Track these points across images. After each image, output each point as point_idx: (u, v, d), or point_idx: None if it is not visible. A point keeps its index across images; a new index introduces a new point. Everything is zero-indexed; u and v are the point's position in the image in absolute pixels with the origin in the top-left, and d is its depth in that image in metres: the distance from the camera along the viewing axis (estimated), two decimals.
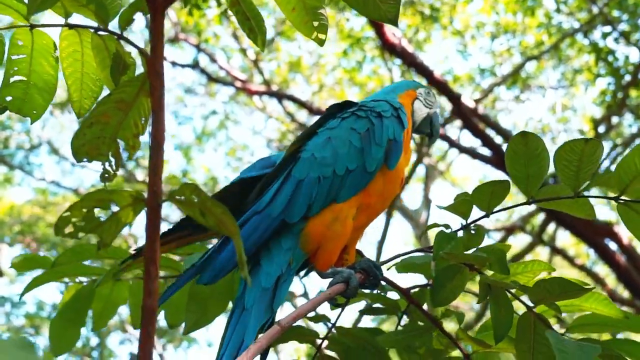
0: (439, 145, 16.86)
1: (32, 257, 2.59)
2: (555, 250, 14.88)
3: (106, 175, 1.81)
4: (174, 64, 15.75)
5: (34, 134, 17.02)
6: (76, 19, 1.97)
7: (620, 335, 2.51)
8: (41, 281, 2.54)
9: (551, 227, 14.24)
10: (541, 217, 13.93)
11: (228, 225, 1.47)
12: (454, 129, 15.80)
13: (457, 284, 2.25)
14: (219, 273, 2.20)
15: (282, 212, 2.27)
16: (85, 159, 1.77)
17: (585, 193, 2.22)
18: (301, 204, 2.28)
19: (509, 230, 15.43)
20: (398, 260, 2.43)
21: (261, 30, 1.99)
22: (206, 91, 17.61)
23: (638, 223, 2.18)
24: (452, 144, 13.78)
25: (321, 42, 2.02)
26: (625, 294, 14.61)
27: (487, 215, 2.30)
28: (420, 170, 17.19)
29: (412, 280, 2.43)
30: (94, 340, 18.60)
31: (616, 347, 2.21)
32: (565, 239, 17.59)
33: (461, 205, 2.28)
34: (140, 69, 1.93)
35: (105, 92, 1.99)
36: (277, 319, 2.20)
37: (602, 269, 16.38)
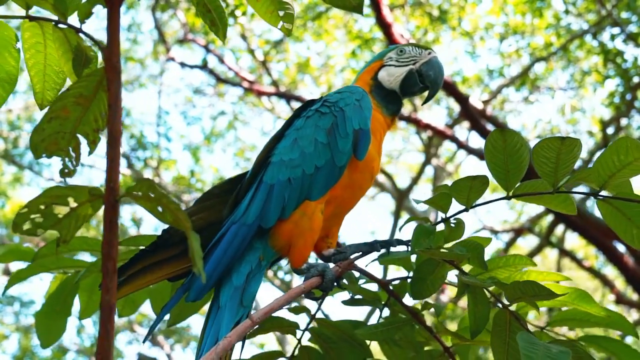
0: (448, 147, 16.86)
1: (15, 248, 2.60)
2: (564, 252, 14.81)
3: (66, 170, 1.80)
4: (182, 64, 15.78)
5: None
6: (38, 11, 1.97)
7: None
8: (24, 275, 2.56)
9: (560, 228, 14.17)
10: (550, 218, 13.88)
11: (182, 221, 1.48)
12: (462, 130, 15.78)
13: (436, 277, 2.27)
14: (202, 290, 2.26)
15: (257, 219, 2.31)
16: (44, 155, 1.76)
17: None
18: (275, 208, 2.31)
19: (518, 232, 15.38)
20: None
21: (222, 23, 1.98)
22: (215, 92, 17.61)
23: (617, 218, 2.19)
24: (461, 145, 13.75)
25: (288, 32, 2.01)
26: (634, 296, 14.54)
27: (466, 209, 2.30)
28: (429, 171, 17.17)
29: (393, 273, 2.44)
30: None
31: (595, 343, 2.27)
32: (573, 240, 17.50)
33: (440, 199, 2.28)
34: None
35: (69, 84, 1.98)
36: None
37: (611, 271, 16.29)
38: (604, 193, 2.17)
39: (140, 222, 16.54)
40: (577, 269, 15.35)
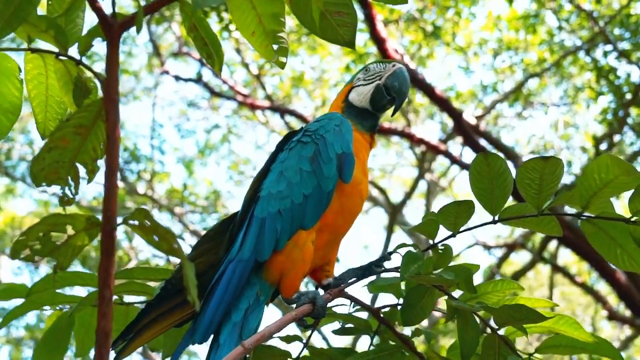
0: (441, 161, 16.90)
1: (10, 286, 2.60)
2: (557, 268, 14.83)
3: (65, 199, 1.82)
4: (177, 77, 15.79)
5: (37, 145, 17.05)
6: (40, 43, 1.99)
7: None
8: (19, 313, 2.57)
9: (553, 244, 14.20)
10: (542, 234, 13.86)
11: (177, 250, 1.49)
12: (456, 145, 15.82)
13: (426, 303, 2.28)
14: (207, 331, 2.28)
15: (253, 253, 2.33)
16: (44, 184, 1.78)
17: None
18: (269, 241, 2.33)
19: (510, 247, 15.40)
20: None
21: (219, 55, 2.01)
22: (209, 105, 17.63)
23: (601, 238, 2.21)
24: (454, 160, 13.78)
25: (282, 65, 2.04)
26: (627, 312, 14.55)
27: (453, 235, 2.31)
28: (422, 185, 17.19)
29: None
30: None
31: None
32: (566, 256, 17.53)
33: (427, 225, 2.29)
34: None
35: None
36: None
37: (604, 287, 16.31)
38: (587, 213, 2.19)
39: (133, 236, 16.52)
40: (570, 285, 15.38)
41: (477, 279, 2.39)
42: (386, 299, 2.45)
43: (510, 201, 2.28)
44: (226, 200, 18.28)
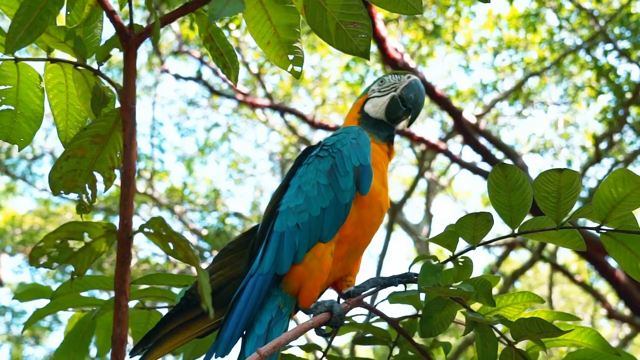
0: (441, 160, 16.92)
1: (34, 287, 2.64)
2: (556, 267, 14.84)
3: (82, 207, 1.84)
4: (177, 76, 15.78)
5: (37, 144, 17.06)
6: (60, 52, 2.01)
7: None
8: (42, 314, 2.60)
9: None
10: None
11: (192, 258, 1.51)
12: (455, 144, 15.82)
13: (445, 315, 2.28)
14: (228, 345, 2.30)
15: (272, 267, 2.35)
16: (62, 191, 1.81)
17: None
18: (288, 254, 2.35)
19: (510, 246, 15.40)
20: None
21: (234, 66, 2.03)
22: (209, 103, 17.64)
23: (621, 252, 2.20)
24: (454, 159, 13.78)
25: (297, 75, 2.05)
26: (626, 311, 14.57)
27: (473, 248, 2.30)
28: (422, 184, 17.20)
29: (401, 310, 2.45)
30: None
31: None
32: (566, 255, 17.56)
33: (446, 237, 2.28)
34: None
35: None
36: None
37: (603, 286, 16.33)
38: (606, 227, 2.18)
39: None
40: (569, 284, 15.38)
41: None
42: (405, 310, 2.45)
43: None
44: (226, 199, 18.30)
